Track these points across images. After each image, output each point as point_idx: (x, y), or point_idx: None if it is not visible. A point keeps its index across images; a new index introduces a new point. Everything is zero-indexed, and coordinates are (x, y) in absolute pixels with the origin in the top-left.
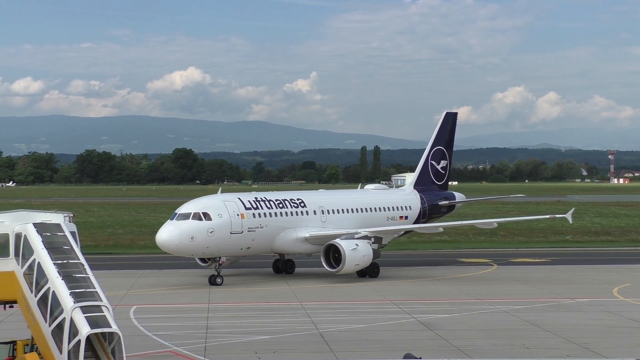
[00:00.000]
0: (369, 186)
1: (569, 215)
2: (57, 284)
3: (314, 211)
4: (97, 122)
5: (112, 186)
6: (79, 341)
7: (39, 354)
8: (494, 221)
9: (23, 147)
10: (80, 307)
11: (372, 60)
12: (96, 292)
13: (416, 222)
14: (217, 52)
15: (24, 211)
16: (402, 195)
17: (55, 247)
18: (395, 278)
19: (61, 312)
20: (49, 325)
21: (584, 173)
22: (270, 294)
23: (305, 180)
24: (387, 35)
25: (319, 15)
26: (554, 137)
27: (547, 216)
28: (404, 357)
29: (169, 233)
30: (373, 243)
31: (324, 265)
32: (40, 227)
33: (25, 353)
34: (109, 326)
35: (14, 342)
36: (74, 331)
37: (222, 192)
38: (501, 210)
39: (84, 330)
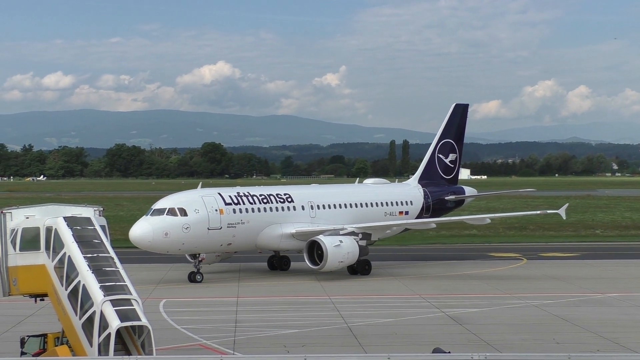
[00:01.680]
0: (368, 180)
1: (561, 211)
2: (87, 278)
3: (302, 206)
4: (126, 117)
5: (142, 180)
6: (109, 334)
7: (69, 347)
8: (486, 216)
9: (53, 142)
10: (111, 300)
11: (402, 54)
12: (126, 285)
13: (419, 217)
14: (246, 46)
15: (54, 205)
16: (403, 189)
17: (86, 241)
18: (424, 273)
19: (91, 305)
20: (80, 319)
21: (615, 167)
22: (299, 288)
23: (334, 175)
24: (417, 29)
25: (349, 8)
26: (585, 131)
27: (538, 212)
28: (433, 351)
29: (142, 229)
30: (361, 239)
31: (307, 262)
32: (70, 221)
33: (56, 346)
34: (139, 319)
35: (44, 335)
36: (104, 324)
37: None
38: (531, 204)
39: (114, 323)
